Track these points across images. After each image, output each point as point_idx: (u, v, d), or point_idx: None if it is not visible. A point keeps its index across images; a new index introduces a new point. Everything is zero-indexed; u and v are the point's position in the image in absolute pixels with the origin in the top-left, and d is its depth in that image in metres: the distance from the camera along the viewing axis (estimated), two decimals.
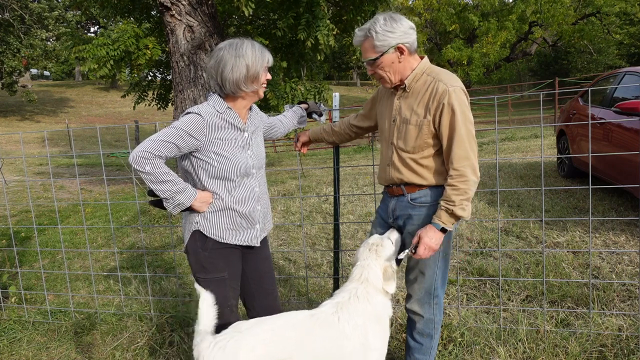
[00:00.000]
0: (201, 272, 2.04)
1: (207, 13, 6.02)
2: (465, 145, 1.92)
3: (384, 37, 1.94)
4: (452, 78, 1.97)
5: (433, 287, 2.16)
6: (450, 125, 1.93)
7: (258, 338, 1.68)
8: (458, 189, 1.91)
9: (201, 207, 1.98)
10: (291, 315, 1.83)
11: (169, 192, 1.89)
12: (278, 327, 1.74)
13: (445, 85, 1.92)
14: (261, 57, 1.97)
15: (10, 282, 3.93)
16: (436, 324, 2.23)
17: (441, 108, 1.92)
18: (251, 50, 1.95)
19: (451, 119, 1.92)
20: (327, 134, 2.58)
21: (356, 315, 1.82)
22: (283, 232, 5.16)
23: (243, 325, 1.75)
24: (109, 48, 7.80)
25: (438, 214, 1.97)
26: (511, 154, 9.10)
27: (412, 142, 2.02)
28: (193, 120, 1.91)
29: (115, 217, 6.66)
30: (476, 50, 22.05)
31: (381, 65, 2.00)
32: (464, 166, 1.91)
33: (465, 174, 1.91)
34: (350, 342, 1.78)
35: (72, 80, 44.60)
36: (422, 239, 1.95)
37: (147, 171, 1.84)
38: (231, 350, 1.63)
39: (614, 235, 4.17)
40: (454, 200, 1.92)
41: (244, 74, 1.95)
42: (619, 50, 28.59)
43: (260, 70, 1.98)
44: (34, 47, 24.04)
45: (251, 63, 1.95)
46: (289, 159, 14.59)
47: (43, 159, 14.04)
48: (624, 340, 2.55)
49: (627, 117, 4.43)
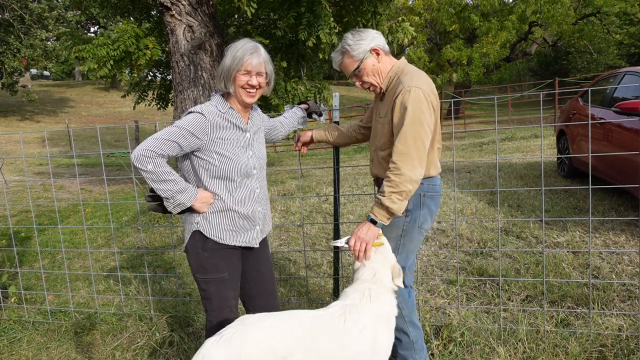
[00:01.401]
0: (201, 272, 2.04)
1: (207, 13, 6.02)
2: (408, 143, 1.96)
3: (357, 45, 2.11)
4: (413, 79, 2.03)
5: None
6: (399, 123, 2.01)
7: (264, 332, 1.68)
8: (390, 180, 1.97)
9: (201, 208, 1.98)
10: (298, 313, 1.82)
11: (170, 191, 1.89)
12: (284, 323, 1.73)
13: (402, 86, 2.01)
14: (239, 59, 1.93)
15: (10, 282, 3.93)
16: (406, 318, 2.26)
17: (395, 106, 2.02)
18: (235, 49, 1.95)
19: (400, 117, 2.00)
20: (332, 136, 2.61)
21: (365, 317, 1.79)
22: (283, 232, 5.16)
23: (249, 318, 1.74)
24: (109, 48, 7.80)
25: (372, 206, 2.03)
26: (511, 154, 9.10)
27: (380, 140, 2.19)
28: (196, 119, 1.91)
29: (115, 217, 6.66)
30: (476, 50, 22.02)
31: (365, 72, 2.14)
32: (401, 160, 1.96)
33: (400, 167, 1.95)
34: (357, 344, 1.75)
35: (72, 80, 44.59)
36: (355, 231, 2.00)
37: (149, 170, 1.83)
38: (237, 343, 1.63)
39: (614, 235, 4.17)
40: (384, 191, 1.98)
41: (224, 71, 1.96)
42: (619, 50, 28.56)
43: (233, 72, 1.95)
44: (34, 47, 24.02)
45: (229, 62, 1.95)
46: (289, 159, 14.59)
47: (43, 159, 14.04)
48: (624, 340, 2.55)
49: (627, 117, 4.43)
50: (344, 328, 1.76)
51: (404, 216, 2.16)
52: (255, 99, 2.03)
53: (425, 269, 3.84)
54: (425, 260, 4.01)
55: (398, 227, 2.17)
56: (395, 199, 1.96)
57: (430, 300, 3.25)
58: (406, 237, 2.19)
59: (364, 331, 1.77)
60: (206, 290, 2.06)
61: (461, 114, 21.17)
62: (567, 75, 25.25)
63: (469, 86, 24.00)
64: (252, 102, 2.02)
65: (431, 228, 4.74)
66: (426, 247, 4.31)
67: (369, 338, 1.77)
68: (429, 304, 3.15)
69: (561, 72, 27.48)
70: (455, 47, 22.30)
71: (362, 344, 1.76)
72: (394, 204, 1.96)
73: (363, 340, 1.76)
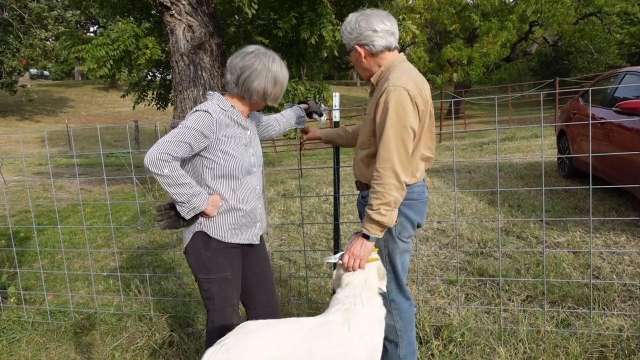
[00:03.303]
0: (204, 272, 2.03)
1: (207, 13, 6.01)
2: (390, 147, 1.86)
3: (345, 37, 2.07)
4: (401, 77, 1.91)
5: (387, 292, 2.11)
6: (381, 124, 1.90)
7: (265, 341, 1.65)
8: (376, 192, 1.88)
9: (212, 211, 1.97)
10: (300, 321, 1.80)
11: (186, 195, 1.87)
12: (285, 332, 1.71)
13: (387, 84, 1.90)
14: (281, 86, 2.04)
15: (9, 282, 3.93)
16: (399, 331, 2.17)
17: (378, 106, 1.92)
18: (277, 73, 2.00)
19: (383, 117, 1.90)
20: (341, 137, 2.56)
21: (363, 322, 1.79)
22: (283, 232, 5.15)
23: (250, 326, 1.72)
24: (108, 48, 7.79)
25: (364, 220, 1.95)
26: (511, 154, 9.10)
27: (361, 137, 2.12)
28: (203, 118, 1.91)
29: (114, 217, 6.65)
30: (476, 50, 22.02)
31: (353, 60, 2.11)
32: (384, 168, 1.87)
33: (383, 177, 1.86)
34: (358, 350, 1.74)
35: (72, 80, 44.58)
36: (348, 247, 1.94)
37: (165, 174, 1.81)
38: (235, 353, 1.61)
39: (615, 236, 4.16)
40: (372, 204, 1.89)
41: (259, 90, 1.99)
42: (620, 50, 28.58)
43: (269, 94, 2.02)
44: (33, 47, 24.03)
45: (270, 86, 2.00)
46: (288, 159, 14.58)
47: (43, 158, 14.04)
48: (624, 340, 2.54)
49: (628, 117, 4.43)
50: (347, 335, 1.74)
51: None
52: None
53: (425, 269, 3.83)
54: (425, 260, 4.01)
55: (378, 240, 2.05)
56: (383, 211, 1.87)
57: (430, 300, 3.24)
58: (388, 247, 2.11)
59: (364, 337, 1.76)
60: (208, 290, 2.05)
61: (461, 114, 21.16)
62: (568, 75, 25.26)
63: (469, 86, 23.98)
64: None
65: (431, 228, 4.74)
66: (426, 247, 4.30)
67: (368, 344, 1.77)
68: (429, 304, 3.15)
69: (562, 72, 27.48)
70: (455, 46, 22.30)
71: (363, 350, 1.75)
72: (384, 217, 1.88)
73: (364, 347, 1.75)
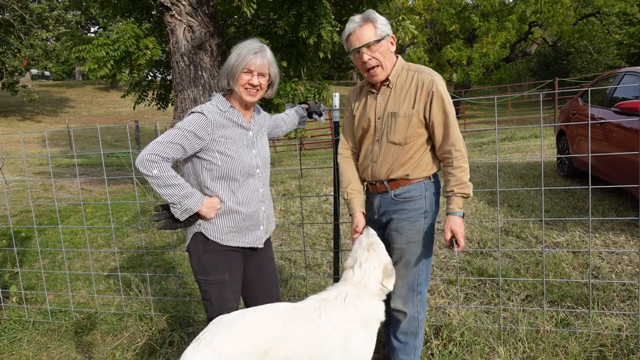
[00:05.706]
0: (202, 273, 2.04)
1: (207, 13, 6.02)
2: (457, 127, 2.07)
3: (382, 25, 2.06)
4: (430, 69, 2.10)
5: (416, 283, 2.16)
6: (443, 111, 2.05)
7: (243, 330, 1.68)
8: (464, 169, 2.03)
9: (209, 213, 1.96)
10: (273, 307, 1.83)
11: (177, 196, 1.87)
12: (261, 319, 1.74)
13: (430, 76, 2.06)
14: (244, 57, 1.95)
15: (10, 281, 3.94)
16: (420, 322, 2.21)
17: (431, 97, 2.03)
18: (241, 48, 1.97)
19: (442, 105, 2.05)
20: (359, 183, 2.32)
21: (338, 316, 1.81)
22: (283, 232, 5.16)
23: (225, 318, 1.75)
24: (109, 48, 7.80)
25: (455, 201, 2.04)
26: (511, 154, 9.11)
27: (402, 134, 2.08)
28: (197, 119, 1.91)
29: (115, 217, 6.66)
30: (476, 51, 22.02)
31: (381, 50, 2.07)
32: (463, 146, 2.04)
33: (465, 154, 2.05)
34: (329, 339, 1.77)
35: (73, 80, 44.59)
36: (456, 231, 2.02)
37: (154, 175, 1.82)
38: (218, 344, 1.63)
39: (614, 235, 4.17)
40: (465, 182, 2.03)
41: (228, 69, 1.97)
42: (619, 50, 28.56)
43: (237, 70, 1.95)
44: (34, 47, 24.02)
45: (234, 60, 1.96)
46: (289, 159, 14.59)
47: (43, 159, 14.05)
48: (623, 340, 2.55)
49: (627, 117, 4.43)
50: (318, 323, 1.78)
51: (422, 217, 2.12)
52: (255, 99, 2.02)
53: None
54: None
55: (419, 231, 2.12)
56: (470, 184, 2.04)
57: (430, 300, 3.25)
58: (427, 238, 2.14)
59: (338, 329, 1.79)
60: (207, 291, 2.06)
61: (461, 114, 21.16)
62: (567, 76, 25.25)
63: (468, 86, 23.98)
64: (252, 101, 2.01)
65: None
66: None
67: (343, 339, 1.78)
68: (428, 304, 3.15)
69: (561, 72, 27.47)
70: (455, 47, 22.30)
71: (334, 341, 1.78)
72: (471, 189, 2.05)
73: (336, 338, 1.78)
